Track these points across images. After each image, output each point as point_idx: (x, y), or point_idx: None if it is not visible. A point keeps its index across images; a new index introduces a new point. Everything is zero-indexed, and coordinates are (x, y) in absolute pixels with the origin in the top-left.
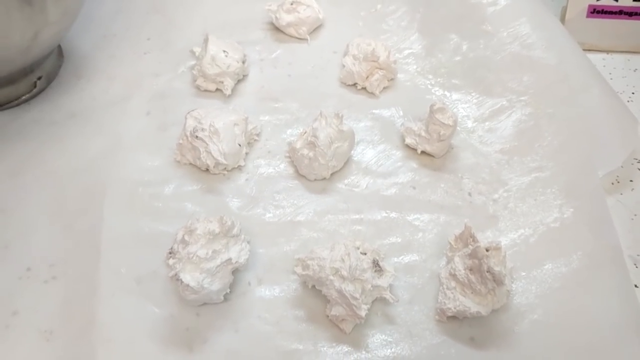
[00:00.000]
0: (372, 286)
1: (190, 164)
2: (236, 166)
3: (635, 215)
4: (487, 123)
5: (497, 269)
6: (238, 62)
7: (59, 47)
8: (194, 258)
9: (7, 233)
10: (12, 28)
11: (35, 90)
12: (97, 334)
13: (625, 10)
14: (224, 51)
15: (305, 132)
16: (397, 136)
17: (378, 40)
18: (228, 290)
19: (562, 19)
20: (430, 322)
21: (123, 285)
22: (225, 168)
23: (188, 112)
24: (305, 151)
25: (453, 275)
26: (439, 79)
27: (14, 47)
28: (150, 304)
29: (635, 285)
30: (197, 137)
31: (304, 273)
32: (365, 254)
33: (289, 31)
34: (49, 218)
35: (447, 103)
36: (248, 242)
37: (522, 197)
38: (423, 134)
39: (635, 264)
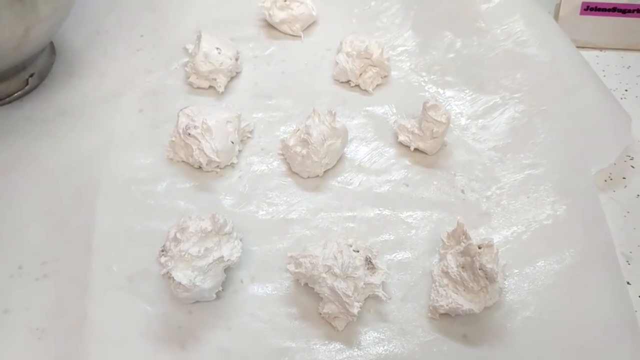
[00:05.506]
0: (364, 284)
1: (183, 161)
2: (229, 164)
3: (628, 212)
4: (480, 120)
5: (489, 266)
6: (231, 59)
7: (51, 44)
8: (186, 256)
9: None
10: (2, 25)
11: (27, 88)
12: (89, 332)
13: (618, 7)
14: (217, 48)
15: (298, 130)
16: (390, 133)
17: (372, 37)
18: (220, 288)
19: (556, 16)
20: (423, 319)
21: (115, 283)
22: (218, 166)
23: (180, 110)
24: (299, 148)
25: (445, 273)
26: (432, 76)
27: (5, 43)
28: (142, 302)
29: (628, 282)
30: (189, 134)
31: (296, 271)
32: (358, 251)
33: (283, 28)
34: (41, 215)
35: (440, 100)
36: (240, 240)
37: (515, 194)
38: (416, 131)
39: (627, 261)
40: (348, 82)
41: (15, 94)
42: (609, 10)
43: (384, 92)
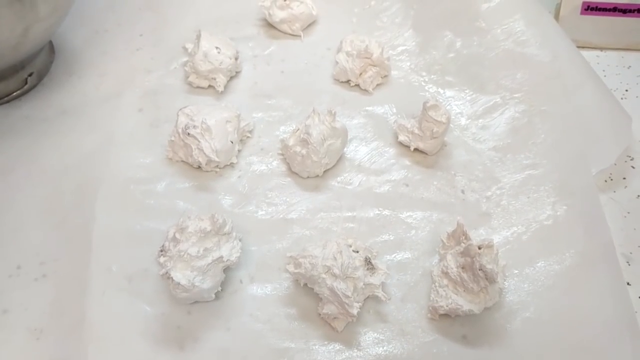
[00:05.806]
0: (364, 284)
1: (182, 161)
2: (228, 163)
3: (628, 212)
4: (480, 120)
5: (489, 266)
6: (231, 59)
7: (50, 43)
8: (185, 256)
9: None
10: (1, 24)
11: (26, 87)
12: (88, 332)
13: (619, 7)
14: (217, 47)
15: (298, 129)
16: (390, 133)
17: (372, 36)
18: (219, 289)
19: (556, 16)
20: (423, 320)
21: (114, 283)
22: (217, 165)
23: (180, 109)
24: (298, 148)
25: (445, 273)
26: (432, 76)
27: (4, 42)
28: (141, 302)
29: (628, 283)
30: (189, 134)
31: (296, 271)
32: (357, 251)
33: (282, 27)
34: (40, 215)
35: (440, 100)
36: (240, 240)
37: (515, 195)
38: (416, 131)
39: (627, 262)
40: (348, 81)
41: (14, 94)
42: (609, 10)
43: (384, 92)
